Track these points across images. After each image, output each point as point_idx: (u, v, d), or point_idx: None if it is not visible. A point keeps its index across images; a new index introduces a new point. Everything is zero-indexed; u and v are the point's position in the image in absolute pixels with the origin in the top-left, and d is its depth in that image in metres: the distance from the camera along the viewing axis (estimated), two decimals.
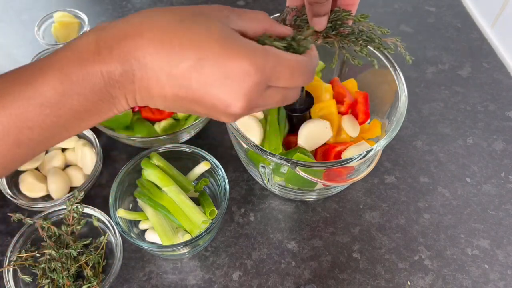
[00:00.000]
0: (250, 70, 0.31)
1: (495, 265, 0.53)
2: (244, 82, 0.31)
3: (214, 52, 0.30)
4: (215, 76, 0.30)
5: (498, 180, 0.60)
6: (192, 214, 0.51)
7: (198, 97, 0.31)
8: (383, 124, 0.55)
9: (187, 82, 0.31)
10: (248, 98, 0.31)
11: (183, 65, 0.30)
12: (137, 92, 0.32)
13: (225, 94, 0.31)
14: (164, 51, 0.30)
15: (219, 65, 0.30)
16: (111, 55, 0.30)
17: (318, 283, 0.52)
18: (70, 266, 0.50)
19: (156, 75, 0.31)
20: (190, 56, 0.30)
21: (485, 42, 0.75)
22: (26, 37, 0.78)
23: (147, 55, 0.30)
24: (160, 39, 0.31)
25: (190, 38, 0.31)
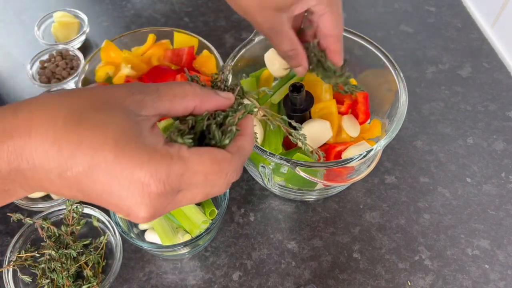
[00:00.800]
0: (150, 182, 0.27)
1: (496, 265, 0.53)
2: (144, 193, 0.27)
3: (107, 160, 0.26)
4: (111, 185, 0.27)
5: (498, 180, 0.60)
6: (192, 214, 0.50)
7: (96, 202, 0.28)
8: (383, 124, 0.55)
9: (82, 187, 0.27)
10: (152, 207, 0.28)
11: (74, 171, 0.27)
12: (32, 187, 0.29)
13: (125, 204, 0.27)
14: (54, 153, 0.27)
15: (114, 174, 0.27)
16: (8, 151, 0.27)
17: (318, 283, 0.52)
18: (70, 266, 0.50)
19: (47, 176, 0.27)
20: (80, 162, 0.27)
21: (485, 42, 0.75)
22: (25, 37, 0.78)
23: (36, 156, 0.27)
24: (50, 140, 0.27)
25: (81, 141, 0.27)
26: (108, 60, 0.63)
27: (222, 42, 0.76)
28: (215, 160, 0.29)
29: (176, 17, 0.81)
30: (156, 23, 0.80)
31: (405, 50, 0.75)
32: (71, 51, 0.72)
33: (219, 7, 0.82)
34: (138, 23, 0.80)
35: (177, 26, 0.79)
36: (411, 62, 0.73)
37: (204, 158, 0.29)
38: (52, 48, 0.72)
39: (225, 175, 0.30)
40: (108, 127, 0.27)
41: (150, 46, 0.65)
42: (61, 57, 0.71)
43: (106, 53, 0.63)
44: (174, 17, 0.81)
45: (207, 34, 0.76)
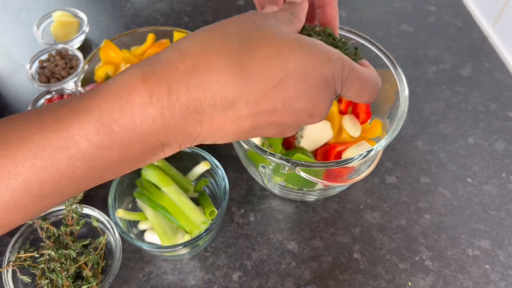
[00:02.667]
0: (330, 77, 0.29)
1: (496, 266, 0.53)
2: (326, 90, 0.30)
3: (297, 64, 0.28)
4: (301, 89, 0.28)
5: (499, 180, 0.60)
6: (192, 214, 0.50)
7: (279, 118, 0.29)
8: (383, 124, 0.55)
9: (271, 105, 0.28)
10: (328, 104, 0.31)
11: (267, 88, 0.27)
12: (203, 134, 0.28)
13: (310, 105, 0.29)
14: (242, 80, 0.26)
15: (305, 77, 0.28)
16: (170, 97, 0.25)
17: (318, 283, 0.52)
18: (69, 266, 0.50)
19: (233, 110, 0.27)
20: (275, 74, 0.27)
21: (486, 41, 0.75)
22: (25, 37, 0.78)
23: (222, 91, 0.26)
24: (234, 69, 0.26)
25: (269, 56, 0.27)
26: (108, 59, 0.63)
27: None
28: (369, 73, 0.33)
29: (175, 16, 0.81)
30: (156, 22, 0.80)
31: (405, 49, 0.74)
32: (70, 51, 0.72)
33: (218, 7, 0.82)
34: (138, 22, 0.80)
35: (176, 25, 0.78)
36: (411, 62, 0.73)
37: (362, 69, 0.32)
38: (52, 47, 0.72)
39: (371, 90, 0.33)
40: (285, 37, 0.28)
41: (150, 46, 0.65)
42: (61, 56, 0.71)
43: (105, 52, 0.63)
44: (174, 16, 0.81)
45: None
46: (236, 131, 0.29)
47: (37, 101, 0.65)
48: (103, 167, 0.26)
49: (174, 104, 0.25)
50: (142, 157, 0.27)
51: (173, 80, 0.25)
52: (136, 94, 0.25)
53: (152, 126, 0.26)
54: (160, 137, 0.26)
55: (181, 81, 0.26)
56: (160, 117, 0.25)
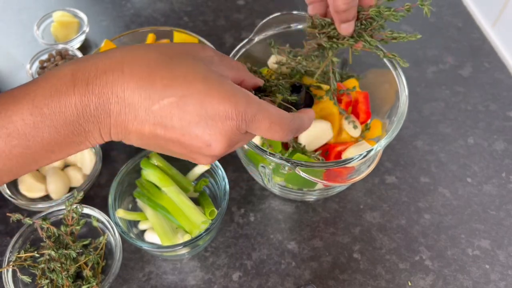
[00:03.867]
0: (232, 114, 0.31)
1: (496, 266, 0.53)
2: (225, 125, 0.31)
3: (199, 91, 0.30)
4: (198, 115, 0.30)
5: (499, 180, 0.60)
6: (192, 214, 0.50)
7: (177, 136, 0.31)
8: (383, 124, 0.55)
9: (167, 120, 0.30)
10: (228, 140, 0.32)
11: (165, 102, 0.30)
12: (113, 127, 0.31)
13: (206, 134, 0.31)
14: (146, 87, 0.30)
15: (202, 105, 0.30)
16: (87, 88, 0.30)
17: (318, 283, 0.52)
18: (69, 266, 0.50)
19: (134, 110, 0.30)
20: (174, 93, 0.30)
21: (486, 41, 0.75)
22: (25, 37, 0.78)
23: (126, 89, 0.30)
24: (141, 76, 0.30)
25: (175, 76, 0.30)
26: None
27: (222, 42, 0.76)
28: (281, 114, 0.34)
29: (175, 16, 0.81)
30: (156, 22, 0.80)
31: (405, 50, 0.74)
32: (70, 51, 0.72)
33: (218, 7, 0.82)
34: (138, 22, 0.80)
35: (176, 25, 0.79)
36: (411, 62, 0.73)
37: (273, 110, 0.34)
38: (52, 47, 0.72)
39: (285, 129, 0.34)
40: (196, 67, 0.32)
41: None
42: (61, 56, 0.71)
43: None
44: (174, 16, 0.81)
45: (207, 34, 0.76)
46: (138, 134, 0.31)
47: None
48: (36, 148, 0.31)
49: (90, 94, 0.30)
50: (70, 142, 0.31)
51: (92, 75, 0.30)
52: (63, 84, 0.30)
53: (74, 112, 0.30)
54: (81, 122, 0.30)
55: (97, 76, 0.30)
56: (80, 104, 0.30)
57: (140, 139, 0.32)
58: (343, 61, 0.59)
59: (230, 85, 0.32)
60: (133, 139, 0.32)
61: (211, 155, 0.33)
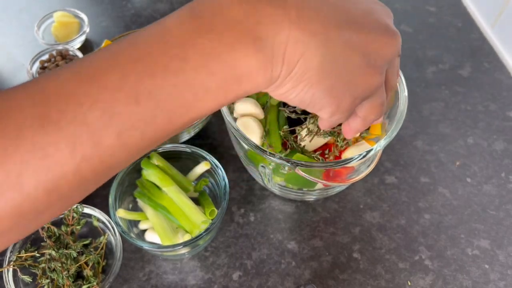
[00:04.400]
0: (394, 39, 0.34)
1: (496, 265, 0.53)
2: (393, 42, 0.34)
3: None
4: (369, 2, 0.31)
5: (498, 180, 0.60)
6: (192, 214, 0.50)
7: (359, 25, 0.30)
8: (383, 124, 0.55)
9: (345, 11, 0.29)
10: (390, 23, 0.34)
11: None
12: (293, 32, 0.27)
13: (381, 14, 0.32)
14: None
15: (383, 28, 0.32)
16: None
17: (318, 283, 0.52)
18: (70, 266, 0.50)
19: (320, 8, 0.28)
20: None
21: (486, 42, 0.75)
22: (25, 37, 0.78)
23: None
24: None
25: None
26: None
27: None
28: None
29: None
30: None
31: (405, 50, 0.74)
32: (71, 51, 0.72)
33: None
34: (138, 23, 0.80)
35: None
36: (411, 62, 0.73)
37: None
38: (52, 48, 0.72)
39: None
40: None
41: None
42: (61, 57, 0.71)
43: None
44: None
45: None
46: (324, 33, 0.28)
47: None
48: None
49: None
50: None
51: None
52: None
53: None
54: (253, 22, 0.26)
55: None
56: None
57: (325, 38, 0.28)
58: None
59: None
60: (316, 43, 0.28)
61: (390, 51, 0.33)
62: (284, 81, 0.29)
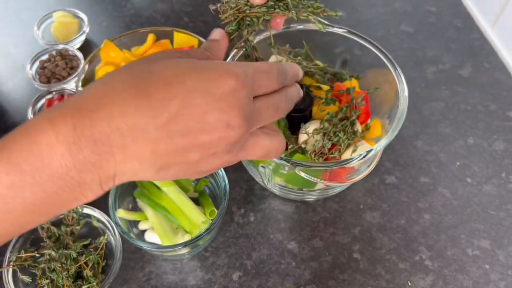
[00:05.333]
0: (236, 86, 0.30)
1: (496, 266, 0.53)
2: (234, 98, 0.30)
3: (199, 81, 0.29)
4: (207, 103, 0.29)
5: (498, 180, 0.60)
6: (192, 214, 0.50)
7: (196, 135, 0.29)
8: (383, 124, 0.55)
9: (182, 123, 0.28)
10: (243, 111, 0.30)
11: (172, 108, 0.27)
12: (120, 165, 0.28)
13: (222, 115, 0.29)
14: (145, 104, 0.27)
15: (208, 91, 0.29)
16: (75, 133, 0.26)
17: (318, 283, 0.52)
18: (69, 266, 0.50)
19: (143, 133, 0.27)
20: (175, 95, 0.28)
21: (486, 42, 0.75)
22: (25, 37, 0.78)
23: (126, 116, 0.27)
24: (135, 95, 0.27)
25: (167, 80, 0.28)
26: (108, 60, 0.63)
27: None
28: (267, 63, 0.35)
29: (176, 17, 0.81)
30: (156, 23, 0.80)
31: (405, 50, 0.75)
32: (70, 51, 0.72)
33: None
34: (138, 23, 0.80)
35: (177, 26, 0.79)
36: (411, 62, 0.73)
37: (260, 63, 0.34)
38: (52, 48, 0.72)
39: (278, 75, 0.35)
40: (179, 62, 0.30)
41: (150, 46, 0.65)
42: (61, 57, 0.71)
43: (106, 53, 0.63)
44: (174, 17, 0.81)
45: (207, 34, 0.75)
46: (153, 154, 0.28)
47: (38, 101, 0.66)
48: (18, 210, 0.26)
49: (80, 139, 0.26)
50: (60, 200, 0.27)
51: (77, 118, 0.26)
52: (42, 134, 0.26)
53: (62, 163, 0.26)
54: (73, 175, 0.26)
55: (84, 117, 0.26)
56: (68, 153, 0.26)
57: (156, 163, 0.29)
58: (343, 61, 0.59)
59: (219, 63, 0.31)
60: (147, 166, 0.28)
61: (233, 139, 0.30)
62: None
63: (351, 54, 0.57)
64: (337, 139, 0.49)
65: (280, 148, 0.36)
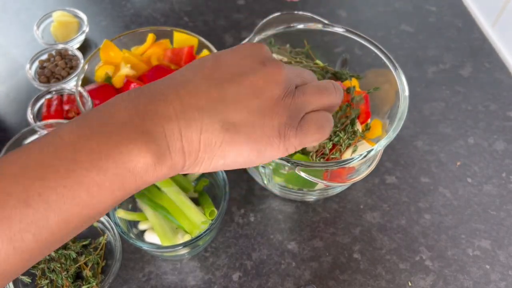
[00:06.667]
0: (280, 68, 0.32)
1: (496, 266, 0.53)
2: (278, 66, 0.32)
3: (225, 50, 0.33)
4: (238, 53, 0.32)
5: (499, 180, 0.60)
6: (192, 214, 0.50)
7: (239, 76, 0.31)
8: (383, 124, 0.55)
9: (223, 71, 0.31)
10: (286, 71, 0.32)
11: (209, 63, 0.32)
12: (180, 115, 0.29)
13: (255, 58, 0.32)
14: (188, 67, 0.32)
15: (235, 50, 0.33)
16: (135, 95, 0.30)
17: (318, 284, 0.52)
18: (69, 266, 0.50)
19: (194, 86, 0.30)
20: (211, 57, 0.32)
21: (486, 41, 0.75)
22: (25, 37, 0.78)
23: (175, 79, 0.31)
24: (186, 68, 0.32)
25: (217, 64, 0.32)
26: (108, 59, 0.63)
27: (222, 42, 0.76)
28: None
29: (175, 16, 0.81)
30: (156, 22, 0.80)
31: (405, 49, 0.74)
32: (70, 51, 0.72)
33: (218, 7, 0.82)
34: (138, 22, 0.80)
35: (176, 25, 0.78)
36: (411, 62, 0.73)
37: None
38: (52, 47, 0.72)
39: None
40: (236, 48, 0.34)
41: (150, 46, 0.65)
42: (61, 56, 0.71)
43: (105, 52, 0.63)
44: (174, 16, 0.81)
45: (206, 34, 0.76)
46: (208, 101, 0.30)
47: (37, 101, 0.65)
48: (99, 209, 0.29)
49: (139, 97, 0.30)
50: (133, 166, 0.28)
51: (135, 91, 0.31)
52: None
53: (125, 114, 0.29)
54: (137, 122, 0.29)
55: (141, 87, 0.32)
56: (131, 104, 0.30)
57: (217, 115, 0.30)
58: (343, 61, 0.59)
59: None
60: (210, 122, 0.30)
61: (279, 77, 0.32)
62: (196, 161, 0.30)
63: (351, 54, 0.57)
64: (338, 139, 0.49)
65: (330, 120, 0.36)
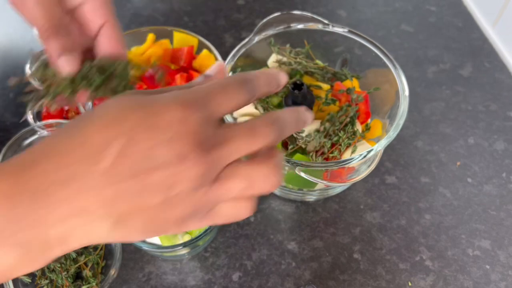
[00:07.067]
0: (184, 113, 0.25)
1: (496, 266, 0.53)
2: (184, 126, 0.24)
3: (143, 116, 0.24)
4: (153, 137, 0.24)
5: (499, 181, 0.60)
6: None
7: (146, 172, 0.24)
8: (383, 124, 0.55)
9: (127, 164, 0.24)
10: (197, 137, 0.25)
11: (114, 150, 0.24)
12: (65, 222, 0.24)
13: (171, 145, 0.24)
14: (82, 153, 0.24)
15: (152, 125, 0.24)
16: (13, 188, 0.23)
17: (318, 284, 0.52)
18: (69, 266, 0.50)
19: (86, 182, 0.23)
20: (118, 135, 0.24)
21: (487, 41, 0.75)
22: (25, 37, 0.78)
23: (63, 170, 0.23)
24: (71, 145, 0.24)
25: (107, 122, 0.24)
26: None
27: (222, 42, 0.76)
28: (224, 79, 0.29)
29: (175, 16, 0.81)
30: (156, 22, 0.80)
31: (405, 49, 0.74)
32: None
33: (218, 7, 0.82)
34: (138, 22, 0.80)
35: (176, 25, 0.78)
36: (412, 62, 0.73)
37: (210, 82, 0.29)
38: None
39: (237, 87, 0.28)
40: (128, 99, 0.26)
41: (150, 46, 0.65)
42: None
43: None
44: (174, 16, 0.81)
45: (206, 34, 0.76)
46: (101, 203, 0.24)
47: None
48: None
49: (19, 192, 0.24)
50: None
51: (16, 174, 0.24)
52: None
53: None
54: (9, 233, 0.23)
55: (23, 172, 0.24)
56: (4, 205, 0.24)
57: (108, 216, 0.24)
58: (343, 61, 0.59)
59: (170, 94, 0.26)
60: (98, 223, 0.24)
61: (193, 172, 0.24)
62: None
63: (351, 54, 0.57)
64: (337, 139, 0.49)
65: (271, 177, 0.28)
